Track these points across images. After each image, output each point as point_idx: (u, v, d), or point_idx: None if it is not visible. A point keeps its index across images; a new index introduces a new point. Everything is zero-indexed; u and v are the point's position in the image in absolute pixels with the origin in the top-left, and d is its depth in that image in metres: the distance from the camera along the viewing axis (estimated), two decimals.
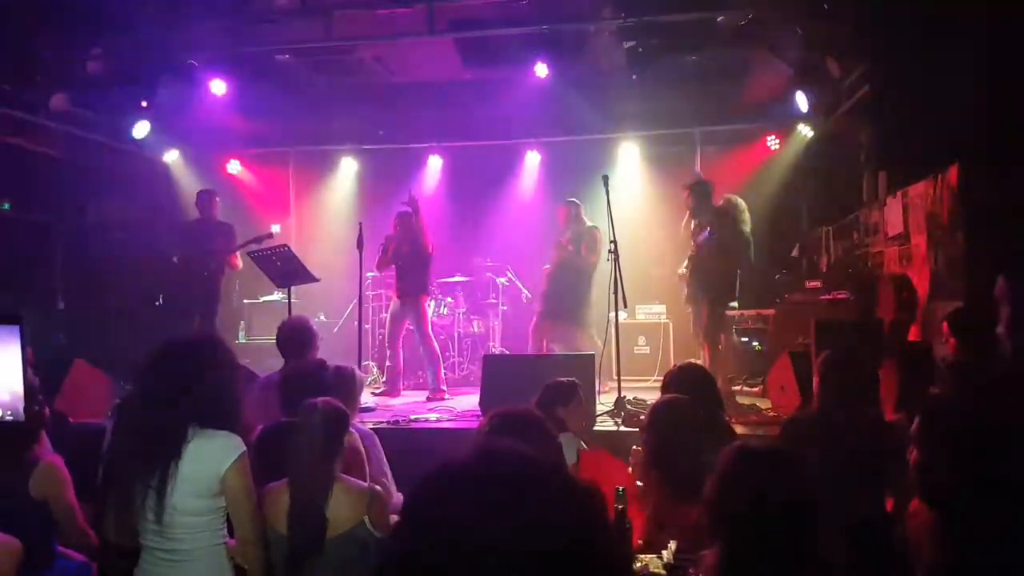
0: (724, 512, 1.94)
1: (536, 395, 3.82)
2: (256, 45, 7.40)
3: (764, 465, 1.97)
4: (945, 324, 4.35)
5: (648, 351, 8.85)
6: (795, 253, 8.86)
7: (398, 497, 3.89)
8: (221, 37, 7.09)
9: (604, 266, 6.48)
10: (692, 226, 7.11)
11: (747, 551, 1.87)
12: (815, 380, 3.56)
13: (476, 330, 9.13)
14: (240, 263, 7.52)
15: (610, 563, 0.95)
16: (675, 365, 3.95)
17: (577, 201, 7.95)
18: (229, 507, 2.60)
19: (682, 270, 7.33)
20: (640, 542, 2.80)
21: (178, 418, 2.55)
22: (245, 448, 2.60)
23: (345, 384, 3.86)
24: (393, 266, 7.78)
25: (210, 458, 2.54)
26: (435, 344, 7.70)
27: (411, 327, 7.67)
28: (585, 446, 3.89)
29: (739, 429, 5.46)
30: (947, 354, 4.23)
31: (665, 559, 2.58)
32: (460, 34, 6.98)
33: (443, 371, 7.73)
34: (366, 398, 6.68)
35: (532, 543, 0.86)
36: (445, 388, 7.57)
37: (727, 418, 4.17)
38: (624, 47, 6.58)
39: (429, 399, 7.35)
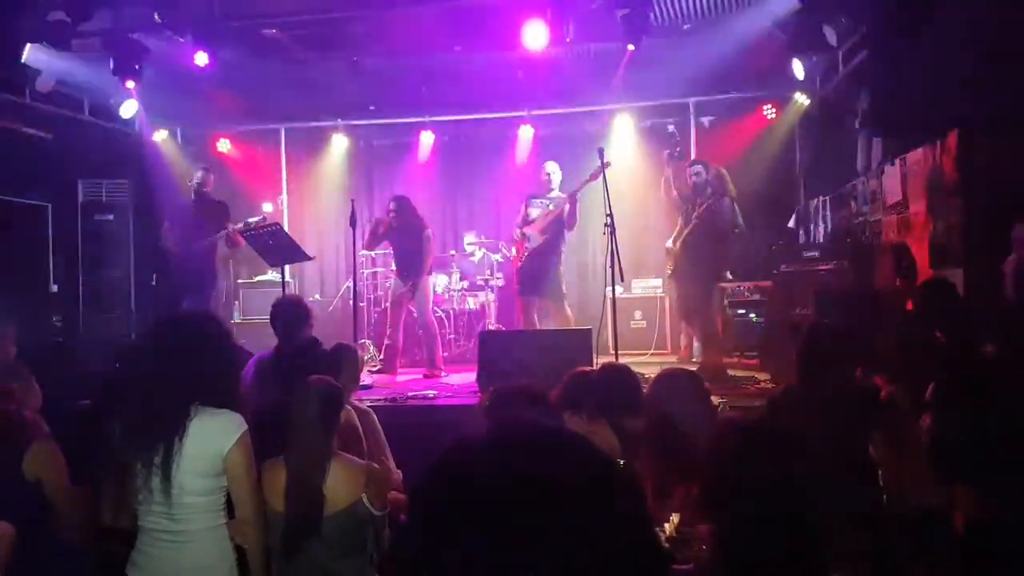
0: (719, 491, 1.90)
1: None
2: (242, 19, 7.27)
3: (758, 443, 1.92)
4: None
5: (644, 325, 8.83)
6: (792, 223, 8.81)
7: (397, 474, 3.88)
8: (207, 11, 6.96)
9: (600, 240, 6.42)
10: (692, 202, 7.07)
11: (743, 530, 1.84)
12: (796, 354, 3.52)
13: (471, 307, 9.10)
14: (242, 241, 7.41)
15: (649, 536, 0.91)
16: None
17: (548, 166, 7.71)
18: (230, 486, 2.57)
19: (669, 244, 7.28)
20: None
21: (180, 397, 2.53)
22: (247, 427, 2.58)
23: (346, 361, 3.83)
24: (385, 243, 7.74)
25: (213, 437, 2.52)
26: (435, 323, 7.69)
27: (412, 307, 7.65)
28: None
29: (732, 401, 5.47)
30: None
31: (668, 532, 2.55)
32: (449, 2, 6.86)
33: (440, 349, 7.71)
34: (363, 376, 6.65)
35: (569, 514, 0.82)
36: (442, 366, 7.56)
37: None
38: (618, 15, 6.47)
39: (426, 376, 7.34)
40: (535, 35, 6.84)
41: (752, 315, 8.00)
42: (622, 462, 2.70)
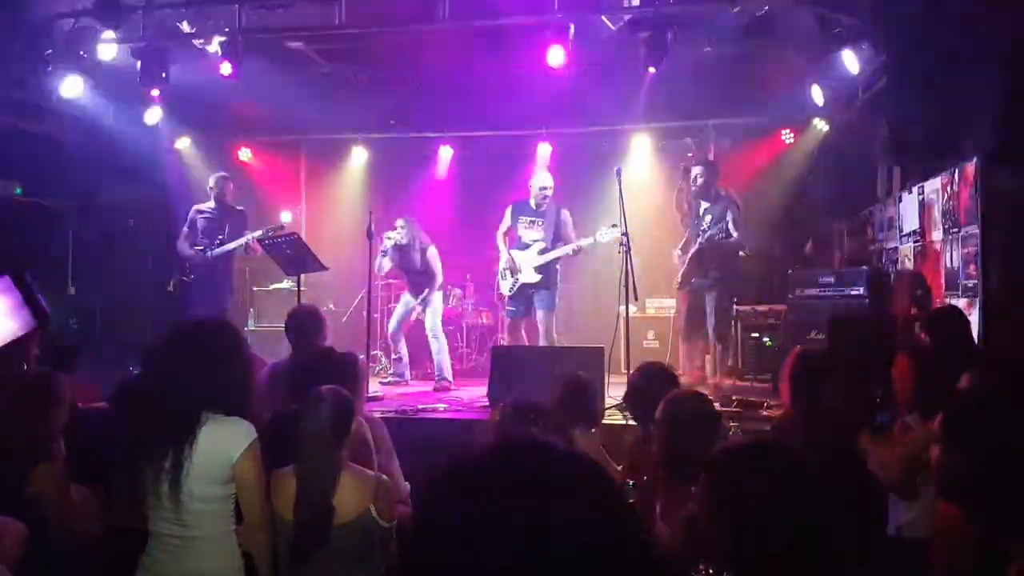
0: (722, 511, 1.88)
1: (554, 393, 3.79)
2: (267, 31, 7.37)
3: (757, 464, 1.90)
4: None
5: (657, 345, 8.81)
6: (808, 248, 8.78)
7: (405, 487, 3.88)
8: (232, 22, 7.06)
9: (615, 259, 6.42)
10: (696, 209, 7.07)
11: (749, 550, 1.82)
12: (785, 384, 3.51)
13: (484, 322, 9.11)
14: (260, 248, 7.48)
15: (643, 557, 0.92)
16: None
17: (545, 179, 7.58)
18: (239, 494, 2.59)
19: (678, 251, 7.24)
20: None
21: (192, 403, 2.55)
22: (257, 435, 2.60)
23: (350, 372, 3.83)
24: (394, 267, 7.82)
25: (223, 444, 2.54)
26: (444, 336, 7.71)
27: (421, 319, 7.69)
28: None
29: (745, 425, 5.45)
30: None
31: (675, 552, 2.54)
32: (473, 23, 6.92)
33: (449, 362, 7.72)
34: (374, 387, 6.67)
35: (560, 535, 0.83)
36: (451, 379, 7.56)
37: None
38: (640, 38, 6.51)
39: (436, 389, 7.35)
40: (556, 53, 6.88)
41: (766, 339, 7.96)
42: (632, 482, 2.70)
